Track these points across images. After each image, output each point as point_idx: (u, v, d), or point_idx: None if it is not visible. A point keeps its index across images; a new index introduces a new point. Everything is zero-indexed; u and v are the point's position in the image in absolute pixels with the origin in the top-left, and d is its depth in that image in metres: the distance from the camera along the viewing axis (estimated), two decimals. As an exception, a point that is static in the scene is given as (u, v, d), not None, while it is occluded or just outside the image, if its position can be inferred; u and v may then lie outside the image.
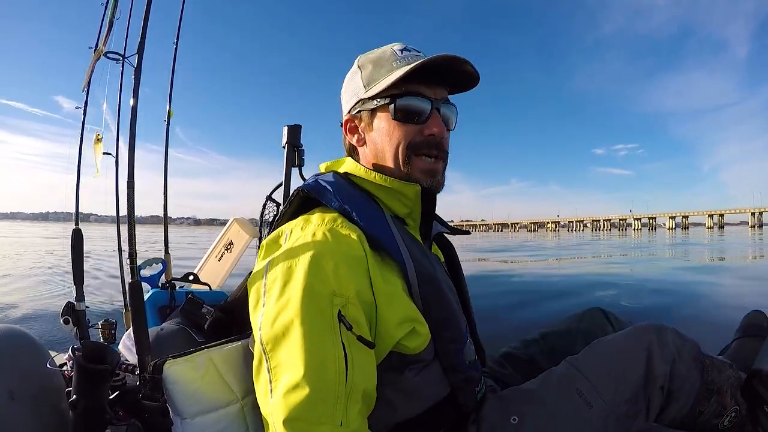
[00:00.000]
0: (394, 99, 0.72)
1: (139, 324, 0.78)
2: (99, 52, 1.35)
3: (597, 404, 0.71)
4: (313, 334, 0.58)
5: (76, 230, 1.18)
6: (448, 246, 0.93)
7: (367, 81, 0.75)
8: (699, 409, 0.73)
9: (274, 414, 0.58)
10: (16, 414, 0.70)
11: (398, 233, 0.70)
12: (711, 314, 2.95)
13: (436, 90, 0.74)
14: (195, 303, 0.99)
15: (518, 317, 3.11)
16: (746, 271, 6.72)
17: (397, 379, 0.68)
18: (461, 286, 0.89)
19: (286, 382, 0.58)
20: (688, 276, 5.63)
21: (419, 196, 0.74)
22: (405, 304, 0.67)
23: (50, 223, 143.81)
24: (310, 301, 0.59)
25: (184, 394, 0.70)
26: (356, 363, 0.60)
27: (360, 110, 0.77)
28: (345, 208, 0.69)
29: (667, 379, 0.71)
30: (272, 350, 0.60)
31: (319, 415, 0.56)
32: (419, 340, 0.67)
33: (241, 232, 2.06)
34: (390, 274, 0.68)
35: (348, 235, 0.65)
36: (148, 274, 1.63)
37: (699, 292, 4.07)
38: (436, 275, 0.71)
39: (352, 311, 0.61)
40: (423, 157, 0.74)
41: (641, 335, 0.76)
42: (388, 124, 0.74)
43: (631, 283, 4.84)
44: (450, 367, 0.72)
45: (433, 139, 0.73)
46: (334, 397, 0.57)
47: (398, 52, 0.74)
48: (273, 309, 0.61)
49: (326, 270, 0.60)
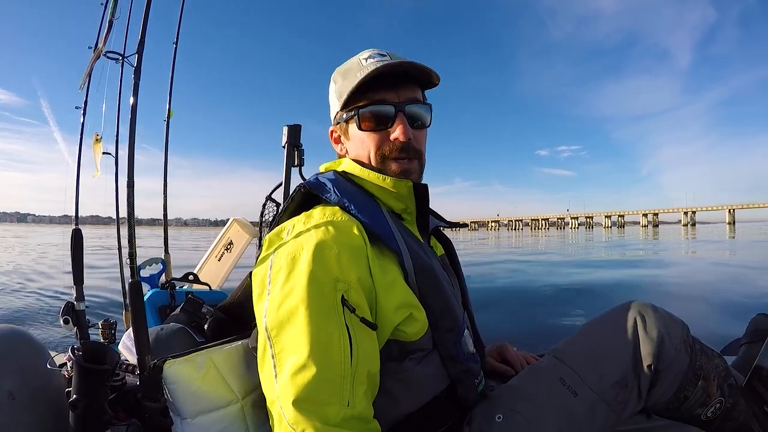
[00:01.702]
0: (357, 110, 0.75)
1: (139, 324, 0.78)
2: (98, 52, 1.34)
3: (583, 392, 0.70)
4: (317, 317, 0.59)
5: (75, 230, 1.17)
6: (446, 241, 0.95)
7: (339, 93, 0.77)
8: (684, 395, 0.71)
9: (281, 397, 0.59)
10: (16, 414, 0.70)
11: (395, 226, 0.72)
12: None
13: (401, 92, 0.75)
14: (195, 303, 0.99)
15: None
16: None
17: (397, 368, 0.70)
18: (459, 279, 0.91)
19: (291, 364, 0.59)
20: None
21: (412, 192, 0.75)
22: (403, 291, 0.68)
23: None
24: (314, 287, 0.60)
25: (184, 394, 0.70)
26: (360, 345, 0.61)
27: (338, 122, 0.80)
28: (344, 202, 0.71)
29: (655, 359, 0.70)
30: (277, 335, 0.61)
31: (327, 396, 0.58)
32: (417, 325, 0.68)
33: (241, 232, 2.06)
34: (388, 264, 0.69)
35: (348, 226, 0.67)
36: (147, 274, 1.63)
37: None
38: (431, 265, 0.73)
39: (355, 296, 0.62)
40: (393, 161, 0.75)
41: (624, 314, 0.74)
42: (358, 134, 0.76)
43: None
44: (449, 357, 0.73)
45: (398, 143, 0.74)
46: (341, 378, 0.58)
47: (363, 62, 0.75)
48: (278, 296, 0.62)
49: (329, 258, 0.62)
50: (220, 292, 1.82)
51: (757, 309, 1.14)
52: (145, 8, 0.94)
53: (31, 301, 4.50)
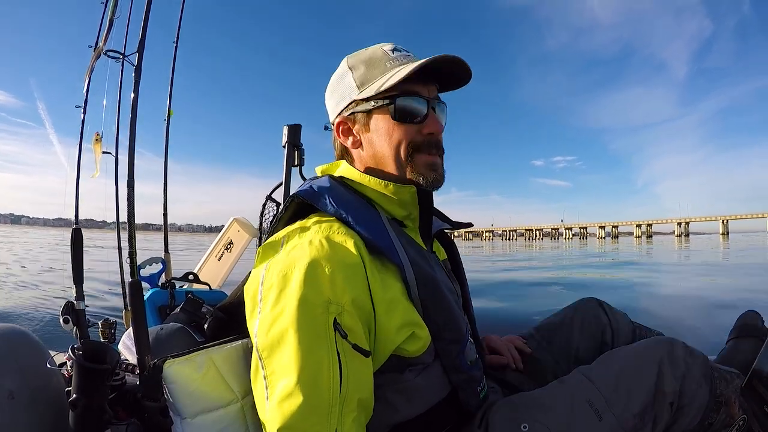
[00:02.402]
0: (394, 99, 0.72)
1: (138, 323, 0.78)
2: (99, 51, 1.34)
3: (607, 417, 0.69)
4: (307, 342, 0.58)
5: (75, 229, 1.18)
6: (449, 244, 0.93)
7: (360, 82, 0.75)
8: (708, 422, 0.73)
9: (269, 422, 0.58)
10: (16, 413, 0.69)
11: (396, 236, 0.70)
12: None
13: (430, 89, 0.75)
14: (195, 302, 0.99)
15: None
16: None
17: (397, 379, 0.68)
18: (462, 284, 0.89)
19: (280, 390, 0.58)
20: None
21: (416, 198, 0.74)
22: (405, 309, 0.66)
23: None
24: (305, 310, 0.59)
25: (184, 394, 0.70)
26: (351, 371, 0.59)
27: (354, 111, 0.76)
28: (341, 213, 0.69)
29: (677, 396, 0.70)
30: (268, 357, 0.60)
31: (313, 424, 0.57)
32: (419, 343, 0.67)
33: (241, 232, 2.06)
34: (389, 279, 0.67)
35: (344, 242, 0.65)
36: (147, 274, 1.63)
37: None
38: (435, 277, 0.71)
39: (348, 319, 0.60)
40: (424, 154, 0.74)
41: (653, 350, 0.75)
42: (387, 125, 0.74)
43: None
44: (452, 367, 0.72)
45: (431, 137, 0.74)
46: (328, 406, 0.57)
47: (390, 53, 0.75)
48: (268, 317, 0.61)
49: (322, 278, 0.60)
50: (220, 291, 1.82)
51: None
52: (146, 7, 0.94)
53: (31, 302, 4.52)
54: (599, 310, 1.04)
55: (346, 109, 0.77)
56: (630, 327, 1.04)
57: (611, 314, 1.04)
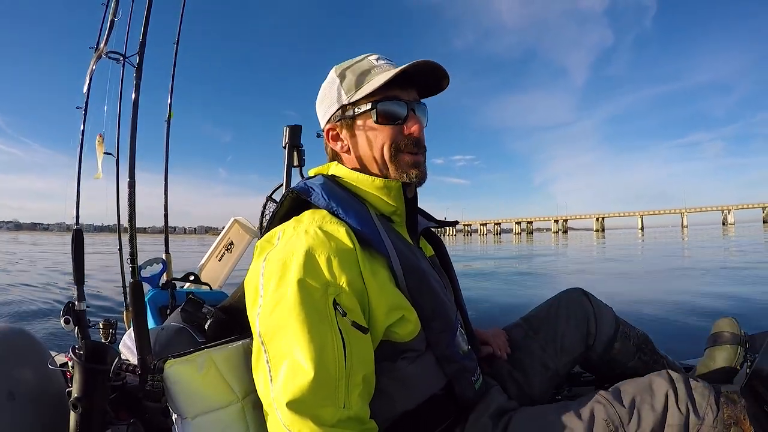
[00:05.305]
0: (375, 104, 0.77)
1: (139, 324, 0.78)
2: (100, 52, 1.34)
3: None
4: (310, 321, 0.60)
5: (77, 230, 1.17)
6: (437, 242, 0.96)
7: (347, 89, 0.79)
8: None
9: (277, 400, 0.59)
10: (16, 413, 0.70)
11: (383, 229, 0.73)
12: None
13: (410, 93, 0.80)
14: (195, 303, 0.99)
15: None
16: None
17: (391, 368, 0.70)
18: (452, 279, 0.92)
19: (286, 368, 0.60)
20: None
21: (401, 191, 0.78)
22: (394, 293, 0.69)
23: None
24: (305, 293, 0.61)
25: (185, 394, 0.70)
26: (354, 347, 0.62)
27: (341, 118, 0.81)
28: (332, 206, 0.72)
29: (683, 430, 0.71)
30: (270, 341, 0.62)
31: (322, 398, 0.58)
32: (409, 326, 0.69)
33: (242, 233, 2.07)
34: (377, 267, 0.70)
35: (336, 231, 0.68)
36: (148, 274, 1.63)
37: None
38: (420, 266, 0.74)
39: (346, 299, 0.63)
40: (406, 153, 0.78)
41: (659, 381, 0.76)
42: (371, 128, 0.78)
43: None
44: (443, 357, 0.74)
45: (413, 137, 0.78)
46: (335, 380, 0.59)
47: (375, 61, 0.80)
48: (270, 303, 0.63)
49: (319, 263, 0.63)
50: (221, 292, 1.83)
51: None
52: (147, 8, 0.94)
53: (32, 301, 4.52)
54: (584, 299, 1.07)
55: (334, 115, 0.82)
56: (612, 316, 1.07)
57: (595, 304, 1.07)
